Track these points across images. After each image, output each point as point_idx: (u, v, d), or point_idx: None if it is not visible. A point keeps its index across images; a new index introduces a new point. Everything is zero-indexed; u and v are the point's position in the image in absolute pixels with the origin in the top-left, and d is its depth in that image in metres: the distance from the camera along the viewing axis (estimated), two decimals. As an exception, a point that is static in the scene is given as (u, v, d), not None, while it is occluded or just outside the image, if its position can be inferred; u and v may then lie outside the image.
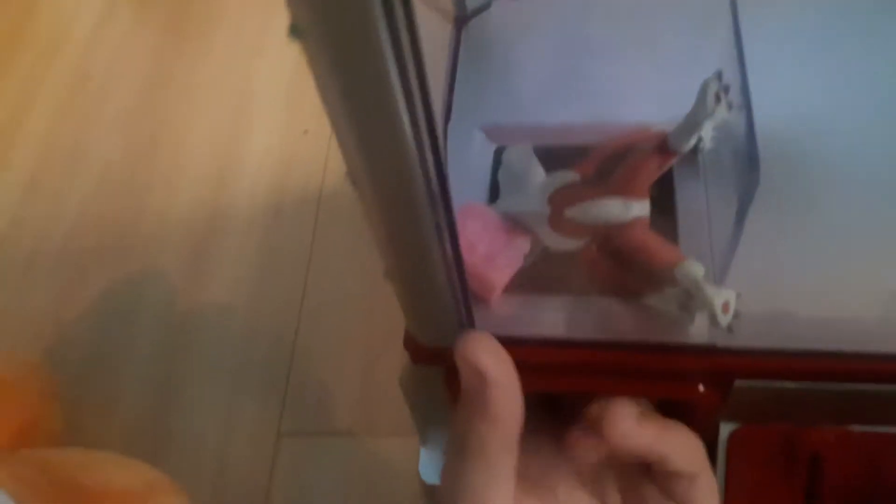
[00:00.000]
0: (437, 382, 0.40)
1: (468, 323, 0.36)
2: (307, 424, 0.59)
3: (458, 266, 0.33)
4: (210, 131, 0.78)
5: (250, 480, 0.57)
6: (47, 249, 0.71)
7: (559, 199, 0.35)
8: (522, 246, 0.36)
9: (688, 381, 0.35)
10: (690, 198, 0.37)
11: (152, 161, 0.77)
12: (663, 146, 0.32)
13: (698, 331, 0.33)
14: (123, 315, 0.67)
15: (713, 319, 0.29)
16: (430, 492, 0.51)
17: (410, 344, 0.36)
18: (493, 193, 0.40)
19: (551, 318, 0.35)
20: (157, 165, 0.77)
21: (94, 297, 0.68)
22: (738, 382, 0.35)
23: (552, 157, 0.41)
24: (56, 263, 0.71)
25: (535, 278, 0.38)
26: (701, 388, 0.35)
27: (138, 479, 0.47)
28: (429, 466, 0.51)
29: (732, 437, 0.38)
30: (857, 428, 0.37)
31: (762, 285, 0.34)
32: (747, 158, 0.28)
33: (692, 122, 0.30)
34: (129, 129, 0.79)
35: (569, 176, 0.35)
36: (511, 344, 0.36)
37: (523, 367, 0.38)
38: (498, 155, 0.40)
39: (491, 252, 0.36)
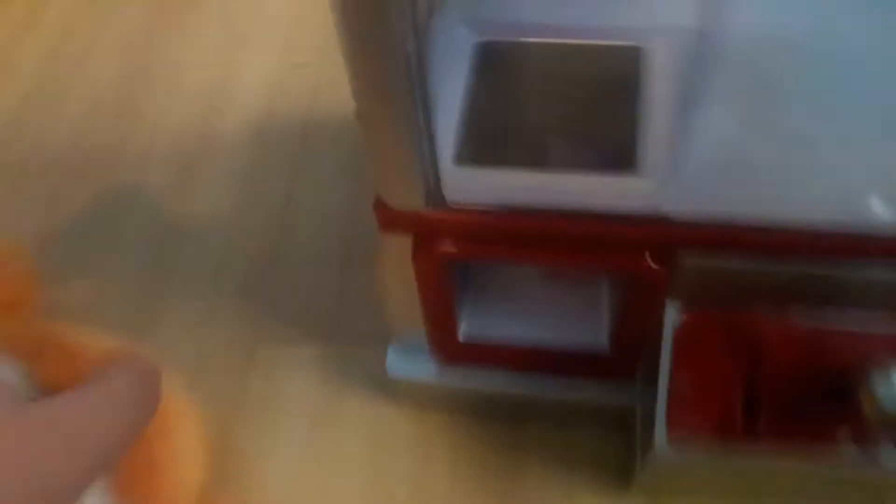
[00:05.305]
0: (406, 258, 0.42)
1: (435, 187, 0.38)
2: (282, 333, 0.61)
3: (427, 129, 0.35)
4: (206, 57, 0.81)
5: (224, 385, 0.59)
6: (40, 157, 0.74)
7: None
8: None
9: (636, 253, 0.37)
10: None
11: (147, 82, 0.79)
12: None
13: (647, 199, 0.35)
14: (111, 220, 0.69)
15: None
16: (394, 387, 0.53)
17: (379, 208, 0.38)
18: (471, 85, 0.41)
19: (506, 188, 0.37)
20: (152, 86, 0.79)
21: (84, 204, 0.70)
22: (685, 258, 0.37)
23: (533, 55, 0.43)
24: (47, 171, 0.73)
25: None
26: (649, 260, 0.37)
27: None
28: (395, 362, 0.52)
29: (679, 322, 0.40)
30: (798, 318, 0.39)
31: (715, 156, 0.36)
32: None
33: None
34: (128, 52, 0.82)
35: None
36: (470, 212, 0.38)
37: (477, 236, 0.40)
38: (479, 49, 0.42)
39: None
